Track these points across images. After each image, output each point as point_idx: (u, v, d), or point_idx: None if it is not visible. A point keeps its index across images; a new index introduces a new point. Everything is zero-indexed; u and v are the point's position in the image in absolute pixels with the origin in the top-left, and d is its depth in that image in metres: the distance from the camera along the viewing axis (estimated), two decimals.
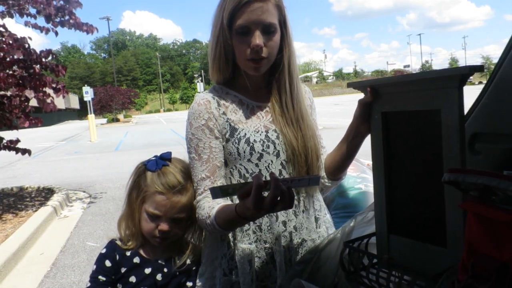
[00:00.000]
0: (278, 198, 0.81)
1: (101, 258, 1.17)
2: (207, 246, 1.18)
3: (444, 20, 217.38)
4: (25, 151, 5.22)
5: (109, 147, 14.68)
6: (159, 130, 21.97)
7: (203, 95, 1.14)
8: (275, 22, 1.05)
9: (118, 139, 17.84)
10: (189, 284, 1.19)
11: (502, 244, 0.62)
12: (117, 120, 37.19)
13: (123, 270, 1.14)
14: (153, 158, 1.15)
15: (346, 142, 1.10)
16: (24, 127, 5.28)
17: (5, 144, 5.13)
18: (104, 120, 38.43)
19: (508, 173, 0.93)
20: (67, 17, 5.13)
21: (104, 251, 1.18)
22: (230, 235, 1.13)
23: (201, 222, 1.07)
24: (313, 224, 1.18)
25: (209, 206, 1.04)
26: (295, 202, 1.14)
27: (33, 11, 5.08)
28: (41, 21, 5.14)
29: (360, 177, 1.96)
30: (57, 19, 5.09)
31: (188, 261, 1.19)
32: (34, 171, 9.79)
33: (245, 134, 1.10)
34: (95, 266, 1.16)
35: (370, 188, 1.86)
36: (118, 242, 1.18)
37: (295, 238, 1.14)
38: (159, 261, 1.16)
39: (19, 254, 4.02)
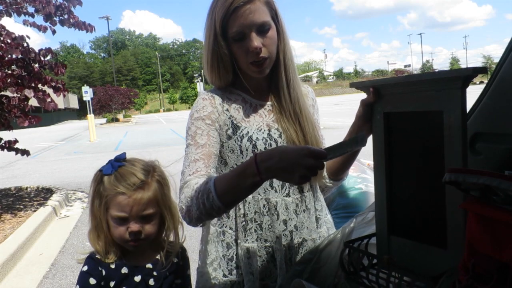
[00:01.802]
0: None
1: (84, 276, 1.08)
2: (205, 246, 1.18)
3: (445, 19, 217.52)
4: (24, 152, 5.21)
5: (108, 147, 14.66)
6: (158, 130, 21.97)
7: (207, 91, 1.15)
8: (268, 19, 1.05)
9: (118, 139, 17.84)
10: (178, 281, 1.16)
11: (502, 244, 0.62)
12: (117, 120, 37.15)
13: (112, 284, 1.08)
14: (108, 163, 1.12)
15: None
16: (24, 127, 5.27)
17: (3, 144, 5.12)
18: (104, 120, 38.38)
19: (509, 173, 0.93)
20: (66, 16, 5.12)
21: (86, 268, 1.09)
22: (229, 236, 1.13)
23: (192, 195, 0.95)
24: (314, 224, 1.18)
25: (205, 179, 0.96)
26: (296, 201, 1.14)
27: (31, 10, 5.08)
28: (39, 19, 5.15)
29: (360, 177, 1.95)
30: (56, 18, 5.09)
31: (175, 260, 1.16)
32: (33, 171, 9.78)
33: (248, 132, 1.10)
34: (78, 287, 1.07)
35: (371, 188, 1.86)
36: (98, 256, 1.10)
37: (296, 237, 1.14)
38: (147, 266, 1.13)
39: (18, 254, 4.01)
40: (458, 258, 0.70)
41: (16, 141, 5.21)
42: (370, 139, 1.01)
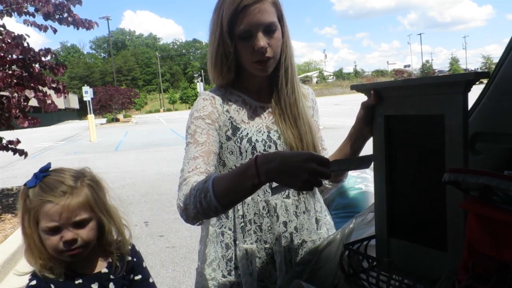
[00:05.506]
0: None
1: None
2: (204, 247, 1.18)
3: (445, 20, 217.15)
4: (22, 153, 5.20)
5: (109, 147, 14.66)
6: (159, 130, 21.98)
7: (208, 92, 1.15)
8: (275, 20, 1.05)
9: (118, 139, 17.84)
10: (138, 277, 1.14)
11: (502, 244, 0.62)
12: (117, 120, 37.15)
13: None
14: (33, 176, 1.07)
15: (348, 144, 1.10)
16: (24, 127, 5.26)
17: (4, 144, 5.11)
18: (104, 120, 38.38)
19: (508, 173, 0.93)
20: (65, 15, 5.12)
21: (34, 282, 1.02)
22: (228, 236, 1.13)
23: (190, 193, 0.92)
24: (314, 225, 1.18)
25: (204, 177, 0.95)
26: (296, 203, 1.14)
27: (31, 9, 5.08)
28: (39, 19, 5.15)
29: (360, 177, 1.95)
30: (56, 17, 5.08)
31: (129, 258, 1.14)
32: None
33: (247, 133, 1.10)
34: None
35: (371, 188, 1.85)
36: (45, 273, 1.02)
37: (296, 239, 1.14)
38: (103, 271, 1.09)
39: (19, 254, 4.00)
40: (458, 260, 0.70)
41: (18, 141, 5.20)
42: (370, 142, 1.01)
